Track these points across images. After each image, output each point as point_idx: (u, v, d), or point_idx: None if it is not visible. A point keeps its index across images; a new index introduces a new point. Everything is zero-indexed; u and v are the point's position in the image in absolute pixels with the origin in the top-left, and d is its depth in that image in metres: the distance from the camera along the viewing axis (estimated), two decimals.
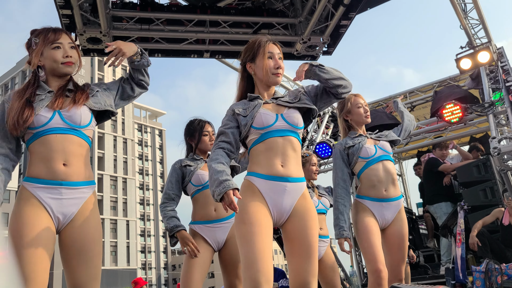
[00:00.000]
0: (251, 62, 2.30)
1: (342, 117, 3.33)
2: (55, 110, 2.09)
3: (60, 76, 2.22)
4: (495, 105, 5.66)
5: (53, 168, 2.03)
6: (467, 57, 6.10)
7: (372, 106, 8.93)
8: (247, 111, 2.25)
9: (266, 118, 2.19)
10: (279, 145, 2.17)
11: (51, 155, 2.04)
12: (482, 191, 6.41)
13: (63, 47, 2.17)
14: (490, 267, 5.19)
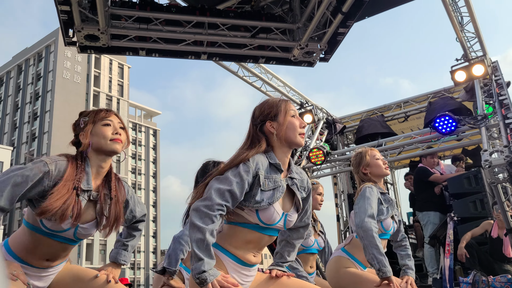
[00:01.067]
0: (272, 121, 2.03)
1: (361, 171, 3.19)
2: (78, 225, 1.99)
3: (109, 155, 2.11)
4: (487, 118, 5.71)
5: (37, 261, 2.06)
6: (462, 69, 6.16)
7: (367, 114, 8.98)
8: (266, 184, 1.93)
9: (274, 218, 1.93)
10: (262, 241, 2.00)
11: (38, 254, 2.04)
12: (472, 203, 6.46)
13: (112, 124, 2.12)
14: (477, 279, 5.22)
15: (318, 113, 8.66)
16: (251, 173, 1.89)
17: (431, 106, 7.58)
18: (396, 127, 8.86)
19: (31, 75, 65.83)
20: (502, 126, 5.32)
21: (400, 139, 7.26)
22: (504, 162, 4.77)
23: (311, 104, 8.52)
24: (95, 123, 2.10)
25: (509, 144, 4.96)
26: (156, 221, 75.57)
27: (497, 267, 5.61)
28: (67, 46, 5.30)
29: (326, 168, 8.12)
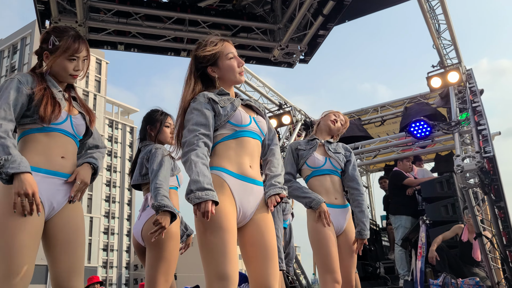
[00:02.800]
0: (213, 66, 2.27)
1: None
2: (68, 114, 2.22)
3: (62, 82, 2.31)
4: (461, 124, 5.83)
5: (52, 159, 2.12)
6: (437, 76, 6.28)
7: None
8: (224, 102, 2.20)
9: (244, 117, 2.20)
10: (249, 145, 2.18)
11: (53, 149, 2.14)
12: (444, 207, 6.59)
13: (78, 60, 2.25)
14: (447, 281, 5.33)
15: (296, 114, 8.70)
16: (204, 102, 2.17)
17: (407, 111, 7.72)
18: (372, 131, 8.98)
19: (5, 67, 64.17)
20: (475, 132, 5.45)
21: (376, 142, 7.36)
22: (475, 168, 4.88)
23: (290, 105, 8.56)
24: (63, 54, 2.20)
25: (481, 150, 5.08)
26: (130, 220, 74.62)
27: (466, 270, 5.74)
28: None
29: None
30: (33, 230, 1.95)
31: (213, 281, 1.90)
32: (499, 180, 4.90)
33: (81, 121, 2.26)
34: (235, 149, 2.15)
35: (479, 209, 5.82)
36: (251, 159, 2.17)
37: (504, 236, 5.01)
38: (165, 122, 3.27)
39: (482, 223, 5.57)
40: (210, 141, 2.13)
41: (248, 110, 2.28)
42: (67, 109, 2.22)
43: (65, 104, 2.22)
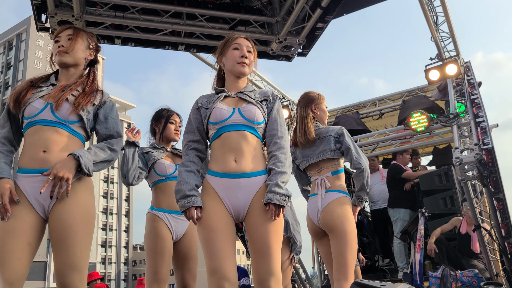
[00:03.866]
0: (221, 55, 2.35)
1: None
2: (47, 103, 2.14)
3: (62, 66, 2.29)
4: (459, 117, 5.83)
5: (33, 156, 2.05)
6: (435, 68, 6.27)
7: (343, 111, 9.07)
8: (209, 103, 2.26)
9: (221, 113, 2.19)
10: (232, 140, 2.14)
11: (33, 144, 2.07)
12: (442, 200, 6.61)
13: (60, 39, 2.27)
14: (446, 274, 5.35)
15: (294, 108, 8.68)
16: (194, 108, 2.29)
17: (405, 104, 7.71)
18: (370, 124, 8.98)
19: (0, 64, 63.79)
20: (473, 124, 5.45)
21: (375, 136, 7.36)
22: (474, 160, 4.88)
23: (288, 99, 8.54)
24: (53, 42, 2.31)
25: (479, 142, 5.08)
26: (128, 216, 74.63)
27: (465, 262, 5.76)
28: (39, 32, 5.15)
29: None
30: (14, 231, 1.92)
31: (207, 275, 2.00)
32: (497, 172, 4.91)
33: (65, 105, 2.14)
34: (220, 148, 2.16)
35: (478, 201, 5.83)
36: (236, 152, 2.13)
37: (503, 227, 5.03)
38: (170, 118, 3.35)
39: (480, 215, 5.58)
40: (201, 144, 2.26)
41: (238, 101, 2.26)
42: (51, 98, 2.15)
43: (44, 92, 2.18)
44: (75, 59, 2.27)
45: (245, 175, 2.10)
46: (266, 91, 2.37)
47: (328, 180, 3.14)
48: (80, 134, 2.19)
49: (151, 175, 3.22)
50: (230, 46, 2.31)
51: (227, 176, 2.10)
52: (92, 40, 2.38)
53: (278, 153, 2.15)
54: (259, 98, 2.30)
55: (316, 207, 3.10)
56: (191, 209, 2.04)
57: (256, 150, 2.18)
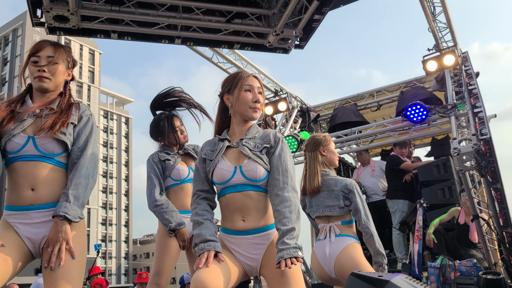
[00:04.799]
0: (228, 94, 2.22)
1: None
2: (29, 136, 2.04)
3: (41, 92, 2.16)
4: (457, 108, 5.84)
5: (21, 195, 2.00)
6: (433, 59, 6.26)
7: (341, 103, 9.06)
8: (213, 154, 2.20)
9: (222, 174, 2.12)
10: (237, 200, 2.10)
11: (20, 182, 2.01)
12: (441, 190, 6.63)
13: (40, 61, 2.14)
14: (445, 264, 5.38)
15: (292, 101, 8.68)
16: (200, 158, 2.24)
17: (403, 95, 7.71)
18: (368, 116, 8.98)
19: None
20: (471, 115, 5.45)
21: (373, 127, 7.36)
22: (472, 150, 4.90)
23: (286, 92, 8.53)
24: (28, 60, 2.16)
25: (477, 133, 5.09)
26: (128, 210, 74.74)
27: (463, 252, 5.79)
28: (35, 27, 5.12)
29: (300, 156, 8.17)
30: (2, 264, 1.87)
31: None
32: (495, 162, 4.93)
33: (45, 139, 2.04)
34: (226, 207, 2.15)
35: (476, 192, 5.86)
36: (243, 212, 2.11)
37: (501, 217, 5.06)
38: (175, 129, 3.36)
39: (478, 205, 5.61)
40: (211, 194, 2.24)
41: (240, 155, 2.16)
42: (30, 130, 2.05)
43: (25, 123, 2.06)
44: (56, 84, 2.17)
45: (254, 231, 2.09)
46: (268, 134, 2.23)
47: (337, 227, 3.11)
48: (65, 164, 2.11)
49: (166, 181, 3.30)
50: (241, 87, 2.18)
51: (237, 233, 2.10)
52: (70, 56, 2.27)
53: (281, 207, 2.02)
54: (259, 146, 2.16)
55: (324, 253, 3.06)
56: (210, 252, 1.97)
57: (263, 205, 2.13)
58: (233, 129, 2.24)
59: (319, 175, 3.21)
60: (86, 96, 68.72)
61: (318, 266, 3.11)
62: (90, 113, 2.25)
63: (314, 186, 3.17)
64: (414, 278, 1.59)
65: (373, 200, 7.87)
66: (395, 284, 1.37)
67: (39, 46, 2.15)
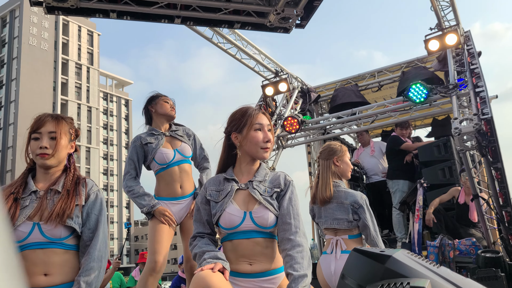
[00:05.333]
0: (237, 132, 2.12)
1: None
2: (34, 223, 1.98)
3: (44, 168, 2.12)
4: (458, 87, 5.81)
5: (33, 280, 1.95)
6: (435, 38, 6.20)
7: (342, 84, 9.02)
8: (219, 196, 2.10)
9: (231, 220, 2.02)
10: (244, 247, 2.02)
11: (31, 269, 1.95)
12: (441, 170, 6.66)
13: (41, 138, 2.08)
14: (444, 243, 5.43)
15: (293, 82, 8.64)
16: (204, 199, 2.13)
17: (404, 75, 7.67)
18: (369, 97, 8.95)
19: None
20: (472, 94, 5.43)
21: (374, 108, 7.34)
22: (473, 130, 4.89)
23: (286, 72, 8.48)
24: (28, 137, 2.11)
25: (478, 112, 5.07)
26: None
27: (463, 231, 5.84)
28: (33, 7, 5.05)
29: (300, 137, 8.17)
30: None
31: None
32: (496, 141, 4.92)
33: (51, 225, 1.97)
34: (232, 252, 2.07)
35: (476, 171, 5.87)
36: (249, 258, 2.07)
37: (501, 196, 5.08)
38: (164, 99, 3.44)
39: (478, 185, 5.63)
40: (213, 236, 2.14)
41: (250, 199, 2.08)
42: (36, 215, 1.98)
43: (28, 209, 1.99)
44: (59, 160, 2.12)
45: (262, 275, 2.02)
46: (278, 177, 2.16)
47: (344, 242, 3.09)
48: (74, 245, 2.07)
49: (152, 165, 3.34)
50: (251, 126, 2.09)
51: (243, 276, 2.01)
52: (73, 128, 2.21)
53: (293, 252, 1.94)
54: (269, 191, 2.09)
55: (329, 269, 3.05)
56: (218, 264, 1.86)
57: (271, 251, 2.06)
58: (240, 168, 2.15)
59: (332, 186, 3.18)
60: (85, 78, 68.38)
61: (323, 280, 3.10)
62: (98, 188, 2.20)
63: (326, 196, 3.15)
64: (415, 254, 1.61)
65: (373, 181, 7.92)
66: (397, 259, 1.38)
67: (40, 122, 2.10)
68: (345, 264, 1.69)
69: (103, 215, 2.14)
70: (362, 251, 1.53)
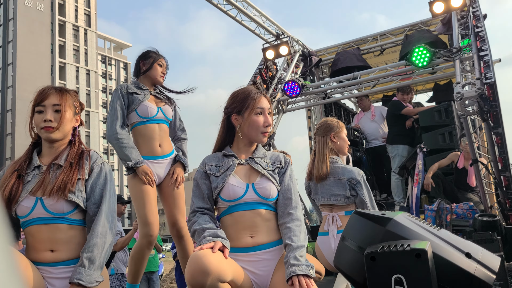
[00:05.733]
0: (237, 115, 2.13)
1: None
2: (37, 198, 1.95)
3: (49, 142, 2.07)
4: (462, 51, 5.72)
5: (39, 255, 1.95)
6: (440, 0, 6.06)
7: (343, 47, 8.88)
8: (219, 170, 2.11)
9: (234, 191, 2.03)
10: (247, 218, 2.02)
11: (37, 246, 1.95)
12: (441, 136, 6.66)
13: (45, 111, 2.03)
14: (442, 207, 5.49)
15: (294, 45, 8.49)
16: (203, 174, 2.13)
17: (407, 39, 7.53)
18: (371, 61, 8.84)
19: None
20: (476, 58, 5.34)
21: (375, 72, 7.26)
22: (475, 95, 4.85)
23: (287, 35, 8.33)
24: (32, 110, 2.07)
25: (481, 77, 5.02)
26: None
27: (461, 195, 5.90)
28: None
29: (301, 101, 8.12)
30: None
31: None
32: (498, 106, 4.89)
33: (53, 199, 1.95)
34: (232, 225, 2.08)
35: (476, 136, 5.87)
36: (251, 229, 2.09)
37: (500, 161, 5.10)
38: (158, 60, 3.29)
39: (478, 150, 5.64)
40: (212, 211, 2.11)
41: (251, 172, 2.12)
42: (39, 190, 1.96)
43: (31, 184, 1.98)
44: (64, 133, 2.08)
45: (263, 247, 2.02)
46: (278, 156, 2.22)
47: (340, 218, 3.09)
48: (79, 220, 2.04)
49: (131, 116, 3.17)
50: (253, 110, 2.10)
51: (245, 250, 2.01)
52: (77, 101, 2.16)
53: (292, 225, 2.00)
54: (271, 166, 2.15)
55: (329, 247, 3.06)
56: (218, 243, 1.85)
57: (272, 224, 2.08)
58: (238, 148, 2.18)
59: (328, 162, 3.17)
60: (83, 41, 67.38)
61: (325, 260, 3.13)
62: (102, 161, 2.15)
63: (322, 172, 3.14)
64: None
65: (373, 146, 7.94)
66: (397, 221, 1.40)
67: (43, 94, 2.05)
68: (346, 226, 1.71)
69: (108, 189, 2.09)
70: (363, 213, 1.54)
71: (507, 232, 4.48)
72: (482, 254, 1.43)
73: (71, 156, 2.06)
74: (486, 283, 1.37)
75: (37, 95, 2.06)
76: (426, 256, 1.35)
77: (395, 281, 1.32)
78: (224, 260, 1.78)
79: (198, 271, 1.66)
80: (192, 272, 1.67)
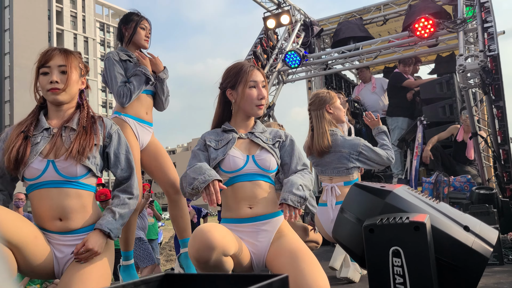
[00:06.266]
0: (232, 89, 2.15)
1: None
2: (48, 160, 1.90)
3: (56, 105, 2.02)
4: (466, 22, 5.62)
5: (48, 224, 1.91)
6: None
7: (346, 17, 8.73)
8: (219, 144, 2.13)
9: (234, 162, 2.06)
10: (246, 189, 2.04)
11: (45, 213, 1.91)
12: (442, 108, 6.63)
13: (51, 72, 1.97)
14: (439, 179, 5.53)
15: (295, 14, 8.34)
16: (202, 146, 2.15)
17: (411, 9, 7.39)
18: (374, 30, 8.70)
19: None
20: (480, 30, 5.26)
21: (377, 43, 7.16)
22: (478, 67, 4.79)
23: (289, 4, 8.16)
24: (37, 72, 2.01)
25: (485, 49, 4.95)
26: None
27: (459, 168, 5.93)
28: None
29: (301, 72, 8.04)
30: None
31: None
32: (500, 79, 4.84)
33: (69, 161, 1.90)
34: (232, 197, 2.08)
35: (477, 110, 5.84)
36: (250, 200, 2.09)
37: (499, 135, 5.09)
38: (140, 23, 3.14)
39: (478, 123, 5.62)
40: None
41: (251, 146, 2.14)
42: (50, 152, 1.92)
43: (40, 145, 1.92)
44: (71, 95, 2.02)
45: (262, 218, 2.04)
46: (278, 131, 2.25)
47: (338, 188, 3.10)
48: (90, 186, 2.00)
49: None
50: (246, 83, 2.12)
51: (243, 221, 2.03)
52: (82, 63, 2.11)
53: (302, 172, 2.13)
54: (271, 140, 2.18)
55: (328, 218, 3.08)
56: (213, 182, 1.85)
57: (271, 195, 2.10)
58: (236, 123, 2.20)
59: (328, 134, 3.15)
60: (80, 7, 66.18)
61: (323, 231, 3.17)
62: (117, 127, 2.13)
63: (324, 146, 3.13)
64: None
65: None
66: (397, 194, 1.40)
67: (48, 55, 1.99)
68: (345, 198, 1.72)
69: (129, 151, 2.12)
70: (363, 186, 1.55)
71: (504, 205, 4.52)
72: (480, 228, 1.44)
73: (82, 120, 2.02)
74: (483, 256, 1.39)
75: (41, 56, 2.01)
76: (424, 229, 1.36)
77: (393, 253, 1.34)
78: (228, 235, 1.82)
79: (204, 246, 1.69)
80: (197, 247, 1.71)
